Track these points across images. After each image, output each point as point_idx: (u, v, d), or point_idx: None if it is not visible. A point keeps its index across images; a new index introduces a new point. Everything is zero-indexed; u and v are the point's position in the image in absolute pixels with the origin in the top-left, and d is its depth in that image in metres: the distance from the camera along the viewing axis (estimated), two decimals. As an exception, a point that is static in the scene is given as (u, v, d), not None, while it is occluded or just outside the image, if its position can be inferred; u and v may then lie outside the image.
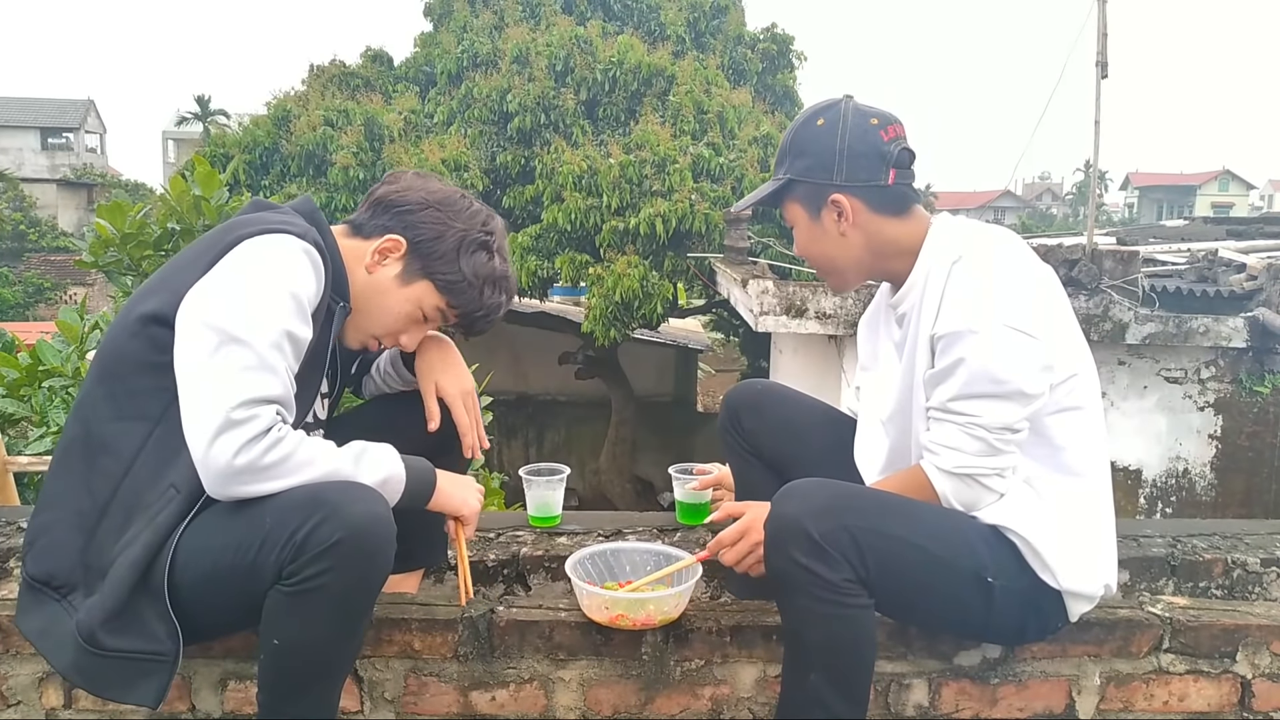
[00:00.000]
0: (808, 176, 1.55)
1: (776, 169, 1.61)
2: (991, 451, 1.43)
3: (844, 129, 1.53)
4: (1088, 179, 31.89)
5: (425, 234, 1.53)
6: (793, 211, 1.60)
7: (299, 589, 1.28)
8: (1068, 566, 1.49)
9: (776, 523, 1.42)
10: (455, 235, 1.54)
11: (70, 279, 22.69)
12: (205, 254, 1.37)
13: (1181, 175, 58.27)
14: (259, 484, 1.29)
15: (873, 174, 1.53)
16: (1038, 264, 1.49)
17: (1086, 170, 46.15)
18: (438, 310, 1.58)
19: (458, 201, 1.57)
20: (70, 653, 1.33)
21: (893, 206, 1.55)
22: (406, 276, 1.54)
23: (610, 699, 1.67)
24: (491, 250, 1.58)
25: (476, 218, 1.58)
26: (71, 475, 1.39)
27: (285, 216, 1.44)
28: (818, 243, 1.59)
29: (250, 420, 1.27)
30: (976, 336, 1.39)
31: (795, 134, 1.57)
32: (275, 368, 1.31)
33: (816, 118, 1.55)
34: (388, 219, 1.54)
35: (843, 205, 1.53)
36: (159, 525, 1.33)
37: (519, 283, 9.74)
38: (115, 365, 1.40)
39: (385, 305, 1.55)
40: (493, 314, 1.61)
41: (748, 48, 11.74)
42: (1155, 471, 5.56)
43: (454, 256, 1.53)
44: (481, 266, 1.56)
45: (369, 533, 1.30)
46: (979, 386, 1.40)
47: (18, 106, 36.58)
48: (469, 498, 1.60)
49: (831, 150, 1.53)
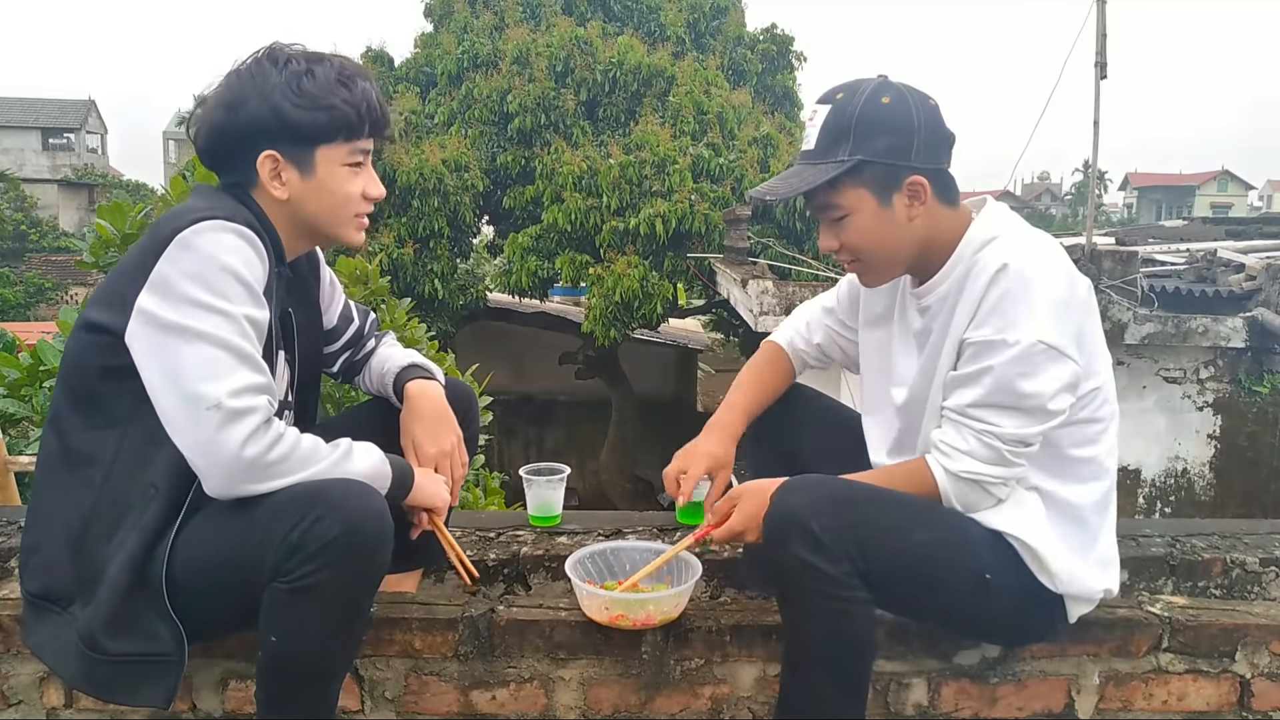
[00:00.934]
0: (885, 157, 1.44)
1: (828, 151, 1.46)
2: (1003, 462, 1.43)
3: (915, 107, 1.45)
4: (1087, 179, 31.85)
5: (266, 125, 1.41)
6: (854, 197, 1.46)
7: (297, 586, 1.28)
8: (1069, 572, 1.49)
9: (777, 517, 1.41)
10: (278, 98, 1.40)
11: (71, 279, 22.66)
12: (144, 256, 1.33)
13: (1181, 175, 58.27)
14: (264, 481, 1.29)
15: (942, 156, 1.48)
16: (1078, 278, 1.46)
17: (1085, 170, 46.11)
18: (353, 154, 1.47)
19: (243, 80, 1.43)
20: (77, 662, 1.33)
21: (951, 194, 1.51)
22: (305, 166, 1.45)
23: (610, 698, 1.67)
24: (304, 70, 1.43)
25: (267, 72, 1.43)
26: (55, 490, 1.39)
27: (210, 201, 1.41)
28: (880, 231, 1.48)
29: (250, 411, 1.27)
30: (1009, 348, 1.37)
31: (860, 113, 1.44)
32: (249, 355, 1.30)
33: (880, 94, 1.44)
34: (237, 153, 1.44)
35: (921, 187, 1.45)
36: (144, 526, 1.32)
37: (520, 282, 9.84)
38: (75, 375, 1.40)
39: (326, 199, 1.47)
40: (373, 103, 1.47)
41: (747, 48, 11.75)
42: (1154, 471, 5.56)
43: (298, 110, 1.41)
44: (316, 88, 1.42)
45: (366, 529, 1.30)
46: (1001, 397, 1.39)
47: (19, 107, 36.56)
48: (440, 491, 1.61)
49: (910, 129, 1.44)
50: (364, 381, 1.83)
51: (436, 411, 1.67)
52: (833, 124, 1.46)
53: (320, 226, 1.51)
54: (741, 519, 1.52)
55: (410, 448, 1.65)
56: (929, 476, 1.47)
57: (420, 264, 9.50)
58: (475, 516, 2.31)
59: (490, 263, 13.78)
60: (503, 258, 10.84)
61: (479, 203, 10.30)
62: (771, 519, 1.43)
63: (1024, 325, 1.37)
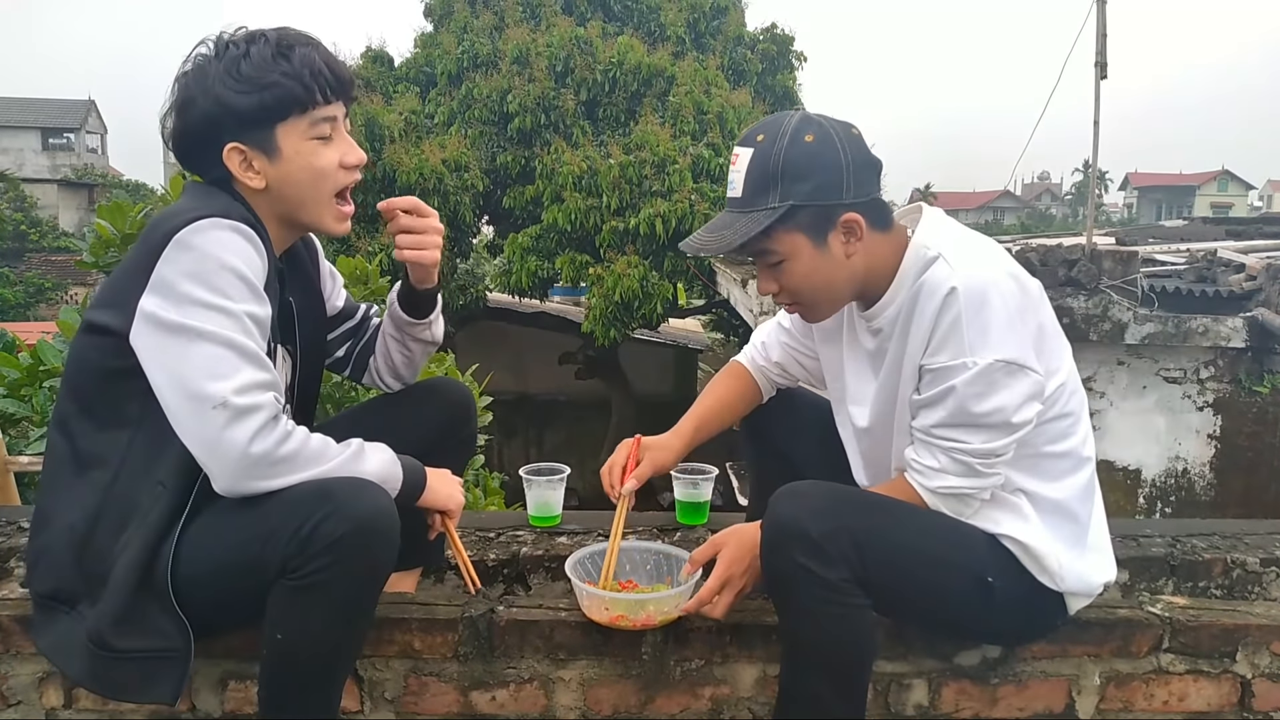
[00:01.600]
0: (816, 199, 1.41)
1: (756, 198, 1.42)
2: (976, 474, 1.44)
3: (841, 141, 1.42)
4: (1087, 179, 31.85)
5: (218, 119, 1.39)
6: (788, 243, 1.44)
7: (304, 583, 1.28)
8: (1066, 569, 1.49)
9: (775, 524, 1.41)
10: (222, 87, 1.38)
11: (71, 279, 22.67)
12: (142, 257, 1.34)
13: (1181, 175, 58.27)
14: (272, 478, 1.29)
15: (872, 186, 1.46)
16: (1027, 282, 1.45)
17: (1086, 170, 46.11)
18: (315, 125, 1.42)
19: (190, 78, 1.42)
20: (84, 661, 1.33)
21: (885, 220, 1.49)
22: (270, 149, 1.41)
23: (610, 699, 1.67)
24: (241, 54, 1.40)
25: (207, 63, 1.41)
26: (63, 492, 1.39)
27: (202, 200, 1.40)
28: (818, 272, 1.46)
29: (256, 408, 1.27)
30: (969, 371, 1.36)
31: (785, 155, 1.40)
32: (253, 352, 1.30)
33: (802, 134, 1.41)
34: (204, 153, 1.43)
35: (856, 224, 1.43)
36: (152, 524, 1.33)
37: (520, 282, 9.84)
38: (80, 377, 1.40)
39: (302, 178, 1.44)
40: (315, 67, 1.41)
41: (747, 48, 11.74)
42: (1154, 471, 5.56)
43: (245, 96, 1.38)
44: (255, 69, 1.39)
45: (374, 528, 1.30)
46: (965, 417, 1.39)
47: (18, 107, 36.56)
48: (454, 493, 1.61)
49: (838, 166, 1.41)
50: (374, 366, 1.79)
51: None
52: (758, 169, 1.42)
53: (299, 211, 1.48)
54: (727, 565, 1.51)
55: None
56: (913, 492, 1.48)
57: (420, 264, 9.48)
58: (475, 516, 2.31)
59: (490, 263, 13.78)
60: (503, 258, 10.84)
61: (479, 203, 10.30)
62: (769, 525, 1.43)
63: (980, 346, 1.36)
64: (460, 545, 1.70)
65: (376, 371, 1.81)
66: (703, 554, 1.57)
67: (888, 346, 1.52)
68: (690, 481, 2.12)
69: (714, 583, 1.52)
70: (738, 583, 1.52)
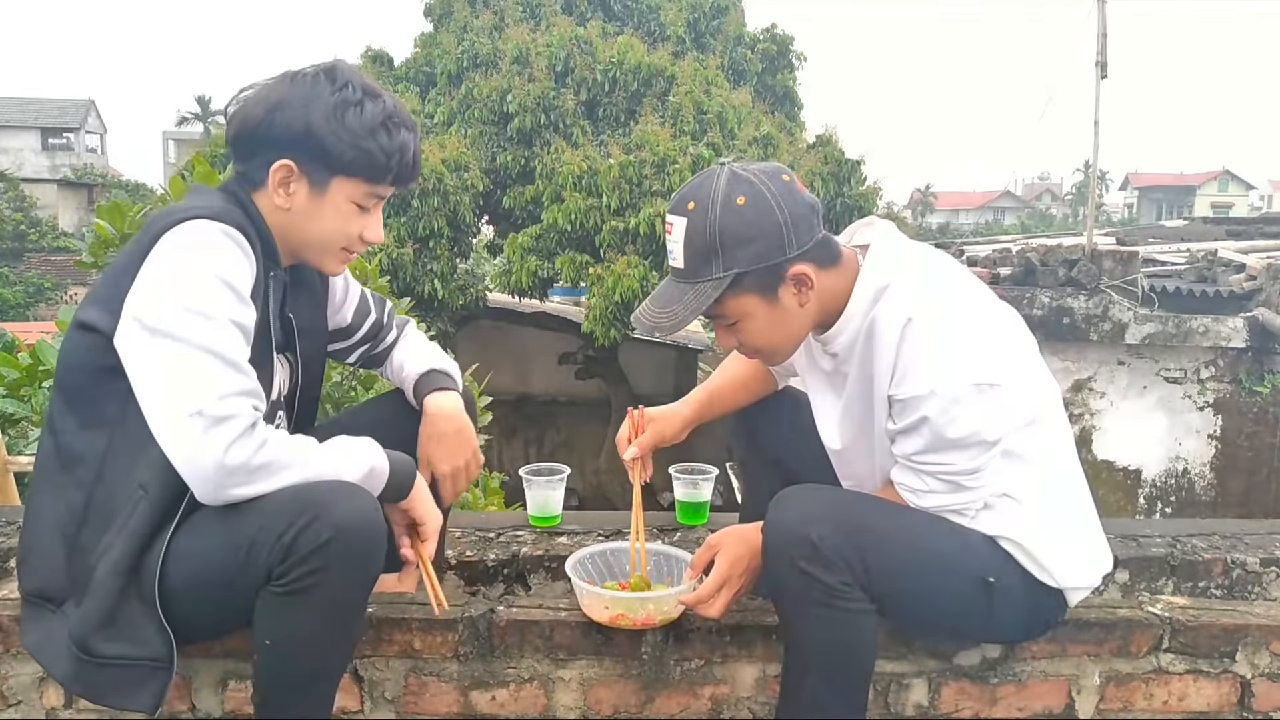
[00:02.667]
0: (760, 261, 1.39)
1: (699, 270, 1.41)
2: (963, 490, 1.44)
3: (773, 198, 1.39)
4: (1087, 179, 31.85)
5: (296, 137, 1.40)
6: (739, 306, 1.44)
7: (290, 590, 1.27)
8: (1063, 564, 1.49)
9: (775, 529, 1.42)
10: (319, 118, 1.39)
11: (70, 279, 22.68)
12: (133, 256, 1.33)
13: (1181, 175, 58.29)
14: (251, 485, 1.28)
15: (813, 230, 1.43)
16: (978, 293, 1.45)
17: (1086, 170, 46.09)
18: (366, 195, 1.46)
19: (295, 86, 1.42)
20: (68, 663, 1.33)
21: (832, 256, 1.46)
22: (317, 187, 1.43)
23: (610, 699, 1.67)
24: (356, 101, 1.42)
25: (320, 87, 1.42)
26: (49, 490, 1.39)
27: (199, 200, 1.40)
28: (777, 325, 1.46)
29: (231, 417, 1.25)
30: (937, 397, 1.36)
31: (720, 224, 1.38)
32: (233, 360, 1.29)
33: (732, 198, 1.38)
34: (259, 152, 1.43)
35: (805, 275, 1.41)
36: (132, 529, 1.32)
37: (520, 282, 9.84)
38: (69, 375, 1.39)
39: (324, 224, 1.45)
40: (406, 155, 1.46)
41: (747, 48, 11.75)
42: (1155, 471, 5.56)
43: (333, 136, 1.40)
44: (359, 123, 1.41)
45: (359, 532, 1.29)
46: (943, 442, 1.39)
47: (18, 106, 36.58)
48: (435, 510, 1.55)
49: (776, 223, 1.38)
50: (386, 374, 1.83)
51: (453, 430, 1.66)
52: (696, 241, 1.40)
53: (304, 247, 1.50)
54: (726, 565, 1.52)
55: (425, 463, 1.65)
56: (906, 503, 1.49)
57: (420, 264, 9.49)
58: (475, 516, 2.31)
59: (490, 263, 13.79)
60: (503, 258, 10.83)
61: (479, 202, 10.29)
62: (769, 531, 1.43)
63: (943, 374, 1.36)
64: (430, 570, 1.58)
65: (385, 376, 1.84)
66: (701, 558, 1.57)
67: (845, 370, 1.53)
68: (690, 481, 2.12)
69: (713, 582, 1.52)
70: (735, 583, 1.53)
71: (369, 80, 1.46)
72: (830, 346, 1.53)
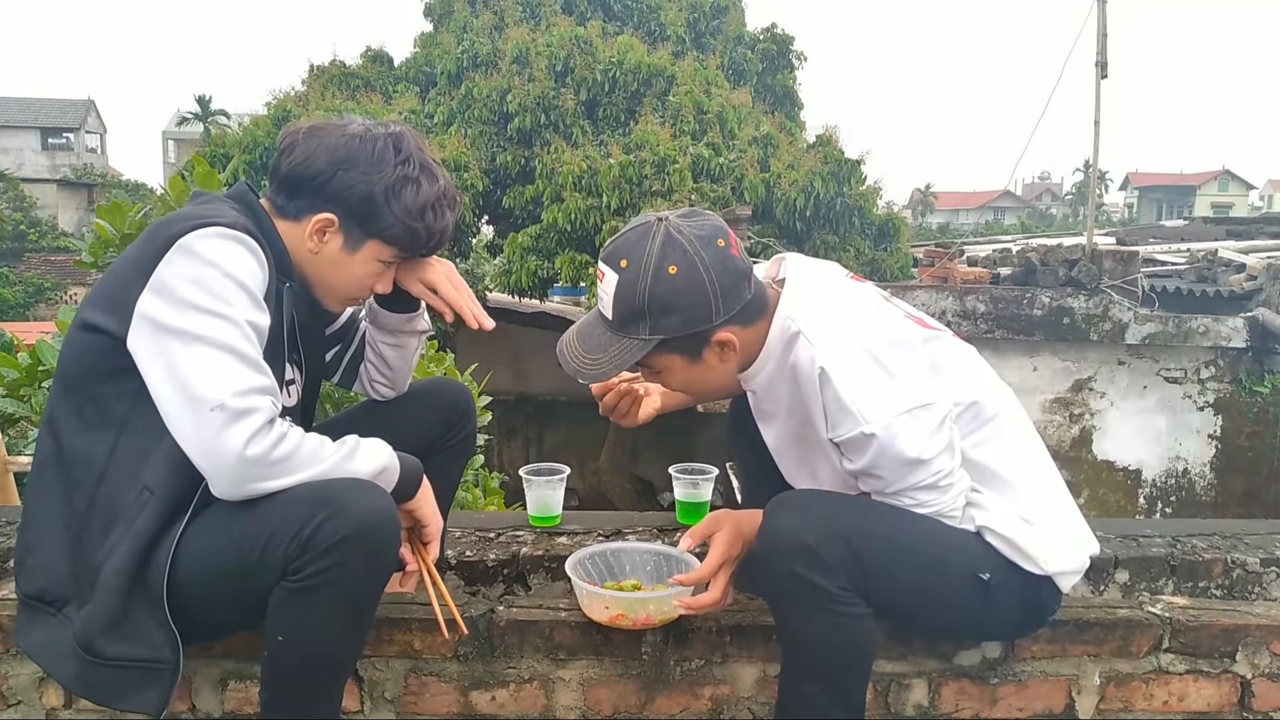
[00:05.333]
0: (685, 329, 1.42)
1: (627, 326, 1.43)
2: (940, 492, 1.45)
3: (706, 267, 1.39)
4: (1087, 179, 31.87)
5: (351, 199, 1.45)
6: (664, 362, 1.48)
7: (305, 585, 1.28)
8: (1048, 551, 1.49)
9: (772, 534, 1.42)
10: (379, 188, 1.45)
11: (70, 279, 22.67)
12: (143, 259, 1.34)
13: (1181, 175, 58.29)
14: (270, 480, 1.29)
15: (742, 295, 1.44)
16: (894, 324, 1.48)
17: (1086, 170, 46.12)
18: (393, 258, 1.52)
19: (362, 148, 1.46)
20: (71, 664, 1.33)
21: (757, 312, 1.48)
22: (351, 245, 1.48)
23: (610, 699, 1.67)
24: (415, 179, 1.47)
25: (386, 157, 1.47)
26: (49, 491, 1.39)
27: (211, 208, 1.41)
28: (698, 380, 1.51)
29: (253, 411, 1.26)
30: (875, 438, 1.38)
31: (650, 292, 1.39)
32: (251, 358, 1.30)
33: (665, 265, 1.38)
34: (308, 198, 1.46)
35: (729, 341, 1.45)
36: (138, 530, 1.32)
37: (520, 282, 9.85)
38: (72, 376, 1.40)
39: (345, 275, 1.51)
40: (446, 234, 1.53)
41: (748, 48, 11.75)
42: (1155, 471, 5.56)
43: (386, 208, 1.45)
44: (413, 202, 1.47)
45: (375, 529, 1.30)
46: (901, 470, 1.41)
47: (18, 106, 36.60)
48: (438, 513, 1.56)
49: (703, 296, 1.40)
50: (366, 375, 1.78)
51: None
52: (625, 301, 1.42)
53: (318, 285, 1.53)
54: (723, 549, 1.53)
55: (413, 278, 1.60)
56: None
57: (420, 264, 9.49)
58: (475, 517, 2.31)
59: (490, 263, 13.78)
60: (502, 257, 10.83)
61: (479, 202, 10.29)
62: (765, 535, 1.43)
63: (871, 413, 1.38)
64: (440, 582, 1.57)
65: (370, 381, 1.79)
66: (702, 529, 1.57)
67: (770, 409, 1.57)
68: (690, 481, 2.12)
69: (711, 562, 1.52)
70: (733, 565, 1.54)
71: (429, 155, 1.52)
72: (749, 384, 1.56)
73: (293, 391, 1.59)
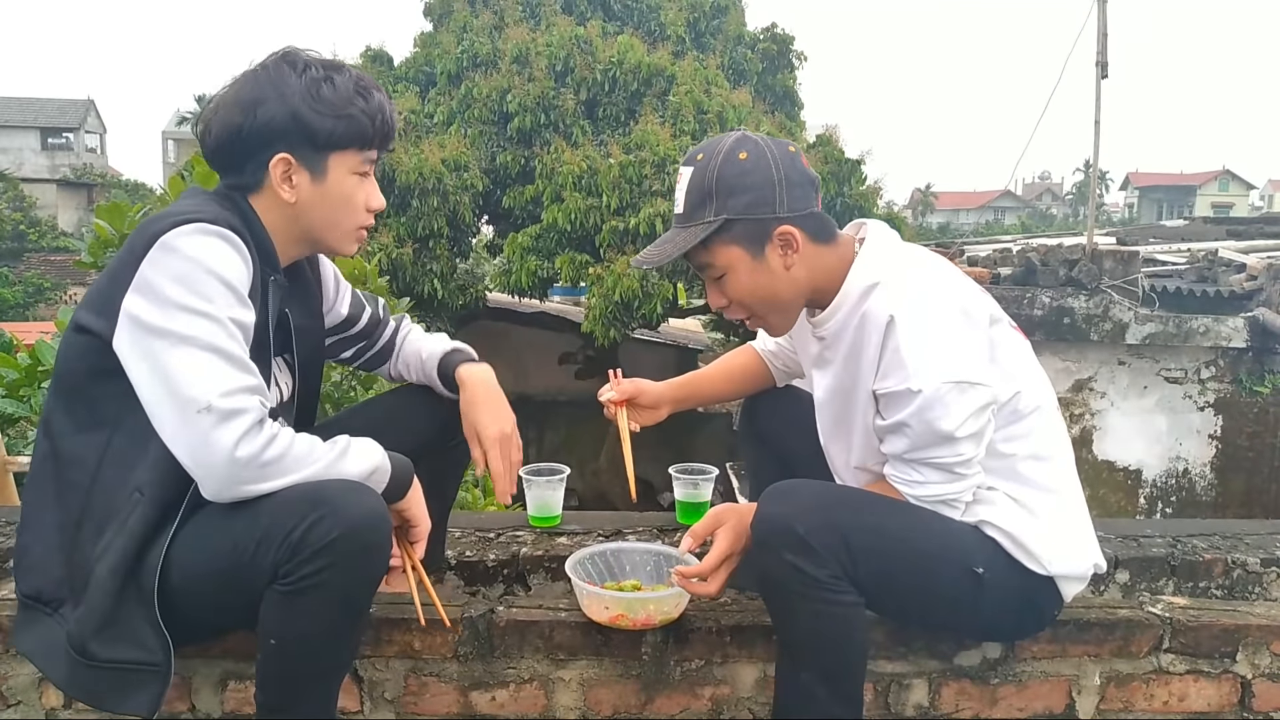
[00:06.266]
0: (749, 212, 1.46)
1: (695, 213, 1.48)
2: (956, 479, 1.46)
3: (774, 158, 1.47)
4: (1088, 179, 31.88)
5: (284, 127, 1.41)
6: (725, 255, 1.49)
7: (296, 588, 1.27)
8: (1052, 552, 1.50)
9: (763, 523, 1.43)
10: (299, 101, 1.41)
11: (70, 279, 22.64)
12: (128, 258, 1.33)
13: (1181, 175, 58.28)
14: (261, 481, 1.28)
15: (808, 201, 1.50)
16: (973, 301, 1.48)
17: (1086, 170, 46.12)
18: (361, 162, 1.49)
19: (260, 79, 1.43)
20: (65, 665, 1.32)
21: (825, 233, 1.52)
22: (316, 172, 1.45)
23: (610, 699, 1.67)
24: (323, 78, 1.44)
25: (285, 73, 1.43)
26: (44, 492, 1.39)
27: (194, 203, 1.40)
28: (758, 284, 1.51)
29: (241, 412, 1.25)
30: (919, 396, 1.39)
31: (719, 173, 1.46)
32: (237, 357, 1.29)
33: (736, 152, 1.47)
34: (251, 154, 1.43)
35: (792, 236, 1.47)
36: (131, 531, 1.32)
37: (520, 282, 9.85)
38: (65, 377, 1.39)
39: (332, 206, 1.48)
40: (385, 114, 1.49)
41: (748, 48, 11.74)
42: (1155, 471, 5.56)
43: (316, 115, 1.41)
44: (336, 95, 1.43)
45: (366, 530, 1.30)
46: (928, 439, 1.42)
47: (18, 106, 36.59)
48: (426, 511, 1.54)
49: (771, 181, 1.46)
50: (391, 370, 1.82)
51: (494, 396, 1.69)
52: (696, 186, 1.48)
53: (322, 233, 1.51)
54: (727, 544, 1.53)
55: (472, 432, 1.66)
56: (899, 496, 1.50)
57: (419, 264, 9.49)
58: (475, 517, 2.31)
59: (490, 263, 13.78)
60: (502, 257, 10.83)
61: (478, 202, 10.29)
62: (757, 524, 1.43)
63: (924, 371, 1.39)
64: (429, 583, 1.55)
65: (393, 375, 1.83)
66: (703, 527, 1.57)
67: (830, 357, 1.57)
68: (690, 482, 2.12)
69: (714, 557, 1.52)
70: (735, 560, 1.54)
71: (324, 56, 1.49)
72: (819, 330, 1.57)
73: (283, 389, 1.58)
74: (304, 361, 1.62)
